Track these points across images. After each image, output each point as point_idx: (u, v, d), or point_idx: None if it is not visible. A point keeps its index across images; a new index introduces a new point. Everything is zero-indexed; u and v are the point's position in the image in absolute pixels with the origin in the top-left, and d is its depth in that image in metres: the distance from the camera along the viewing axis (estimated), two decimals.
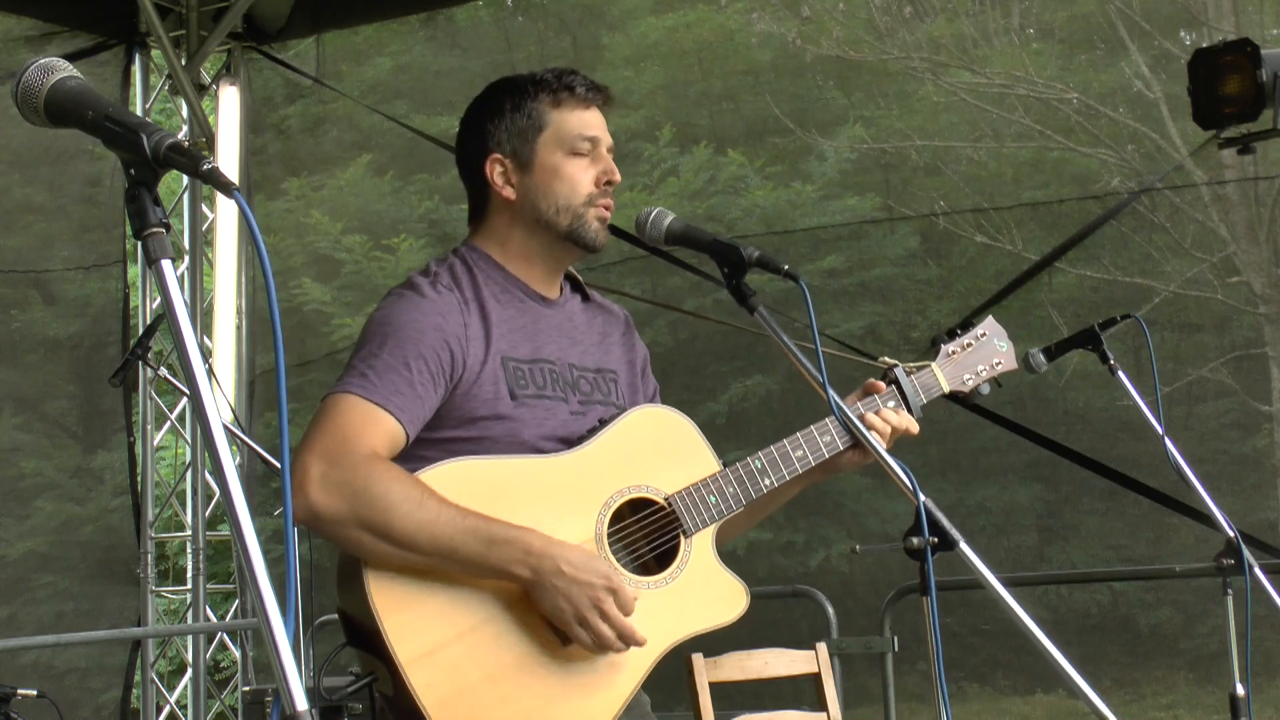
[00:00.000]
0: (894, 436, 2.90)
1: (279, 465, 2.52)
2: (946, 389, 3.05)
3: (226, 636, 8.01)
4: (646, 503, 2.75)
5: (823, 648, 4.45)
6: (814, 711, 4.39)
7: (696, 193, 9.48)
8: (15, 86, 1.90)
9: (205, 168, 1.81)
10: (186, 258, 7.94)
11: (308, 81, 8.15)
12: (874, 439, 2.81)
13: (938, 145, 8.62)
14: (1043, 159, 8.71)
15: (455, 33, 8.65)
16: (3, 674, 6.15)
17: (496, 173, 2.83)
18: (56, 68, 1.90)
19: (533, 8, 8.91)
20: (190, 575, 7.80)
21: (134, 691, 8.02)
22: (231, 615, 8.10)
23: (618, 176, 2.85)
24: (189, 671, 7.74)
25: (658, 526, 2.76)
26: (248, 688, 7.19)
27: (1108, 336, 3.88)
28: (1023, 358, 3.50)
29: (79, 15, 7.66)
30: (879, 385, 2.97)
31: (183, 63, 7.63)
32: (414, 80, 9.07)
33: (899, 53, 8.68)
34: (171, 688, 7.84)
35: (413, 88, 9.05)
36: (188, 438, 7.94)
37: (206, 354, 7.65)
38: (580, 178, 2.81)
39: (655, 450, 2.79)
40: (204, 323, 7.81)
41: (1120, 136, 8.70)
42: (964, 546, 2.52)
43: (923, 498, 2.53)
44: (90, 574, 8.61)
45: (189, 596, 7.79)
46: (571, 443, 2.74)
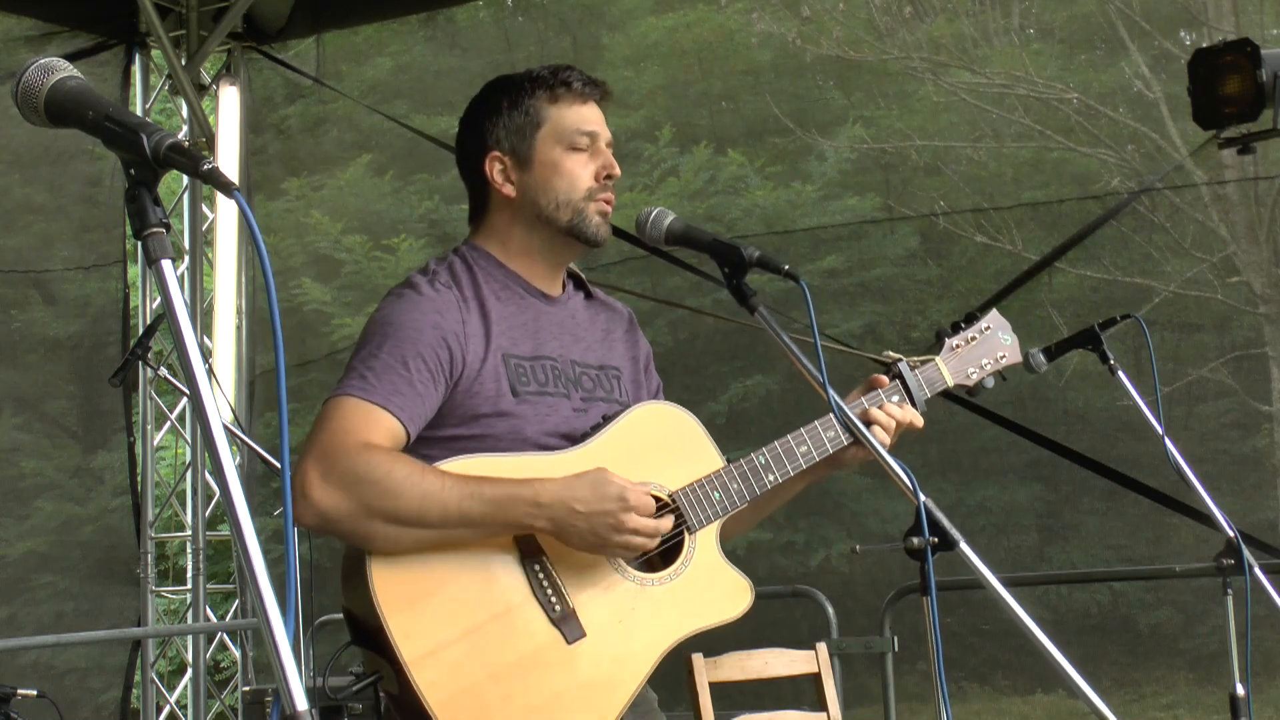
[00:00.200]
0: (898, 431, 2.89)
1: (279, 465, 2.52)
2: (950, 383, 3.03)
3: (226, 636, 8.01)
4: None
5: (823, 648, 4.45)
6: (814, 711, 4.39)
7: (696, 193, 9.48)
8: (15, 86, 1.90)
9: (205, 168, 1.81)
10: (186, 258, 7.94)
11: (308, 81, 8.15)
12: (876, 436, 2.81)
13: (938, 145, 8.62)
14: (1043, 159, 8.70)
15: (455, 33, 8.65)
16: (3, 674, 6.15)
17: (496, 170, 2.82)
18: (57, 68, 1.90)
19: (533, 8, 8.91)
20: (190, 575, 7.80)
21: (134, 691, 8.02)
22: (231, 615, 8.10)
23: (618, 170, 2.84)
24: (189, 671, 7.74)
25: None
26: (248, 688, 7.18)
27: (1108, 336, 3.87)
28: (1023, 358, 3.49)
29: (79, 15, 7.66)
30: (882, 379, 2.96)
31: (183, 63, 7.63)
32: (414, 80, 9.07)
33: (899, 53, 8.68)
34: (171, 688, 7.84)
35: (413, 88, 9.04)
36: (188, 438, 7.94)
37: (206, 354, 7.65)
38: (579, 172, 2.81)
39: (659, 446, 2.79)
40: (204, 323, 7.81)
41: (1120, 136, 8.70)
42: (964, 546, 2.52)
43: (923, 498, 2.53)
44: (90, 574, 8.61)
45: (189, 596, 7.79)
46: (575, 439, 2.74)
